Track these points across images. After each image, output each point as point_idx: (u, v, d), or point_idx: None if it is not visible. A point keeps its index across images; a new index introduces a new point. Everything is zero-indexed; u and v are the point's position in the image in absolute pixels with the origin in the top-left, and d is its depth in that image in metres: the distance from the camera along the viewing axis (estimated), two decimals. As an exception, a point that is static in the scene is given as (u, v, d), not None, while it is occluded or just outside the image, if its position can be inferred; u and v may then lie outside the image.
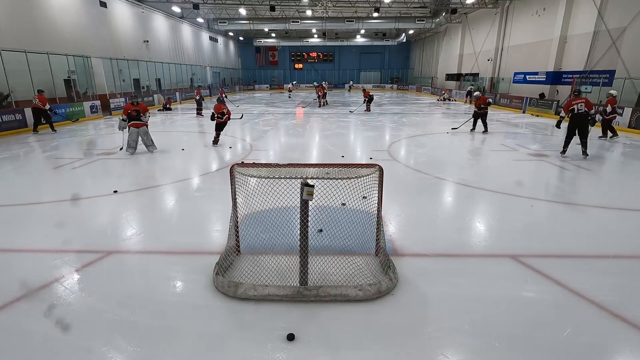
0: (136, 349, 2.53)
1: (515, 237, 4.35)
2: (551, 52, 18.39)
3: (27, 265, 3.72)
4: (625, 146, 10.14)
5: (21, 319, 2.84)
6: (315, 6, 27.74)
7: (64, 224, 4.71)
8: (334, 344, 2.59)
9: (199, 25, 32.03)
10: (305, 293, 3.05)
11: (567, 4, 17.18)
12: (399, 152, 9.20)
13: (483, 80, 25.81)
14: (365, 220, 3.71)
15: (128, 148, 8.60)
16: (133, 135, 8.57)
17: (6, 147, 9.72)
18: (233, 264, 3.55)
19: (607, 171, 7.78)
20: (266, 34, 41.01)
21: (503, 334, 2.67)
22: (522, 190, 6.06)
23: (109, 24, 19.89)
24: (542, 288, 3.28)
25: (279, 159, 8.68)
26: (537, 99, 18.01)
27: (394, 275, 3.30)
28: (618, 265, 3.71)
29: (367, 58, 46.88)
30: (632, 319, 2.81)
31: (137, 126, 8.56)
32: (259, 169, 3.28)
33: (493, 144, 10.62)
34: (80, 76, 16.56)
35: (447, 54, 33.28)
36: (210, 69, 34.88)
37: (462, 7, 25.39)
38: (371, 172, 3.34)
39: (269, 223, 3.93)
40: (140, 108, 8.52)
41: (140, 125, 8.58)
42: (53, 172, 7.37)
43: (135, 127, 8.54)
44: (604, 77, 14.88)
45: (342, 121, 15.36)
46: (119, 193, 5.83)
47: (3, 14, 13.30)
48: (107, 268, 3.63)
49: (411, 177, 6.99)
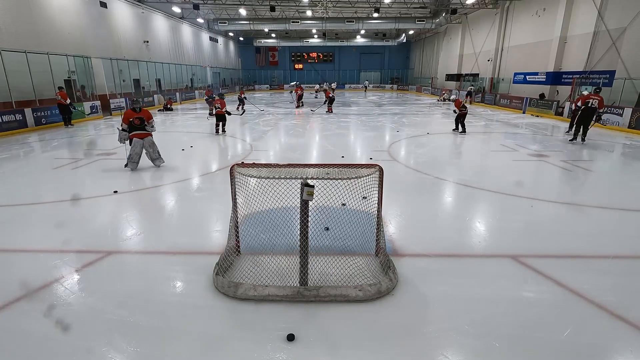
0: (136, 349, 2.53)
1: (515, 237, 4.35)
2: (551, 52, 18.40)
3: (27, 265, 3.72)
4: (625, 146, 10.14)
5: (21, 319, 2.84)
6: (315, 6, 27.75)
7: (64, 224, 4.71)
8: (334, 344, 2.59)
9: (199, 26, 32.04)
10: (305, 293, 3.05)
11: (567, 4, 17.19)
12: (399, 153, 9.20)
13: (483, 81, 25.82)
14: (366, 220, 3.71)
15: (130, 163, 7.22)
16: (136, 147, 7.16)
17: (6, 147, 9.72)
18: (233, 264, 3.55)
19: (607, 171, 7.78)
20: (266, 34, 41.02)
21: (503, 334, 2.67)
22: (522, 191, 6.06)
23: (109, 24, 19.90)
24: (542, 288, 3.28)
25: (279, 159, 8.68)
26: (537, 99, 18.01)
27: (394, 276, 3.30)
28: (618, 265, 3.71)
29: (367, 58, 46.89)
30: (632, 319, 2.81)
31: (142, 137, 7.21)
32: (259, 169, 3.28)
33: (493, 144, 10.62)
34: (80, 76, 16.57)
35: (447, 54, 33.29)
36: (211, 69, 34.89)
37: (462, 7, 25.38)
38: (371, 173, 3.34)
39: (269, 223, 3.92)
40: (144, 115, 7.20)
41: (145, 136, 7.24)
42: (53, 172, 7.37)
43: (139, 138, 7.19)
44: (604, 78, 14.89)
45: (342, 121, 15.37)
46: (119, 193, 5.83)
47: (3, 14, 13.31)
48: (107, 268, 3.63)
49: (411, 178, 6.99)
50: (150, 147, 7.35)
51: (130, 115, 7.10)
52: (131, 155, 7.20)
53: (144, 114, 7.20)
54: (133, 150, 7.18)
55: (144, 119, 7.17)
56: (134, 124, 7.11)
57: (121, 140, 7.21)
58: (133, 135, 7.14)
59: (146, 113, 7.25)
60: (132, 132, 7.15)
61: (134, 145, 7.17)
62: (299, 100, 21.59)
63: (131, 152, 7.19)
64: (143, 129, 7.20)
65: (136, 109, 7.18)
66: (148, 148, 7.32)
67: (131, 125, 7.11)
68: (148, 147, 7.32)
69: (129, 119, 7.07)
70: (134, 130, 7.15)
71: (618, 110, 13.06)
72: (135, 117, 7.10)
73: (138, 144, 7.18)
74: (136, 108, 7.20)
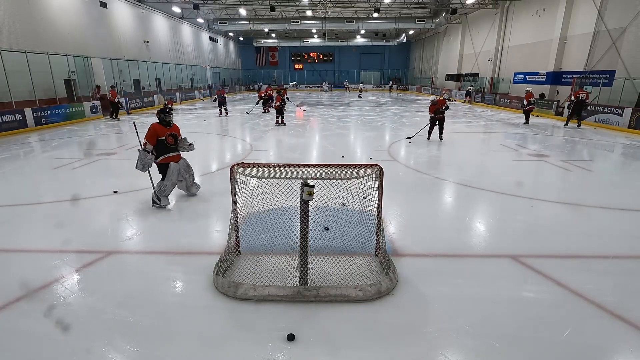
0: (136, 349, 2.53)
1: (515, 237, 4.35)
2: (551, 52, 18.39)
3: (27, 265, 3.72)
4: (625, 146, 10.14)
5: (21, 319, 2.84)
6: (315, 6, 27.75)
7: (64, 224, 4.71)
8: (334, 344, 2.59)
9: (199, 26, 32.04)
10: (305, 293, 3.05)
11: (567, 4, 17.19)
12: (399, 153, 9.20)
13: (483, 81, 25.82)
14: (366, 220, 3.71)
15: (162, 198, 5.10)
16: (173, 176, 5.11)
17: (6, 147, 9.72)
18: (233, 264, 3.55)
19: (607, 171, 7.78)
20: (266, 34, 41.01)
21: (503, 334, 2.67)
22: (522, 191, 6.06)
23: (109, 24, 19.90)
24: (542, 288, 3.28)
25: (279, 159, 8.68)
26: (537, 99, 18.00)
27: (394, 276, 3.30)
28: (618, 265, 3.71)
29: (367, 58, 46.89)
30: (632, 319, 2.81)
31: (177, 159, 5.24)
32: (259, 169, 3.28)
33: (493, 144, 10.62)
34: (80, 76, 16.57)
35: (447, 54, 33.29)
36: (211, 69, 34.89)
37: (462, 7, 25.38)
38: (371, 173, 3.35)
39: (269, 223, 3.92)
40: (176, 130, 5.24)
41: (179, 159, 5.31)
42: (53, 172, 7.37)
43: (175, 162, 5.19)
44: (604, 78, 14.89)
45: (342, 121, 15.37)
46: (118, 193, 5.83)
47: (3, 14, 13.31)
48: (107, 268, 3.63)
49: (411, 178, 6.99)
50: (187, 171, 5.38)
51: (161, 132, 4.99)
52: (164, 187, 5.06)
53: (175, 129, 5.24)
54: (169, 180, 5.06)
55: (176, 136, 5.20)
56: (166, 144, 5.05)
57: (144, 167, 4.90)
58: (165, 160, 5.08)
59: (176, 127, 5.32)
60: (164, 155, 5.07)
61: (170, 174, 5.07)
62: (273, 107, 16.50)
63: (166, 183, 5.05)
64: (176, 149, 5.23)
65: (168, 121, 5.09)
66: (184, 174, 5.34)
67: (161, 145, 5.04)
68: (184, 173, 5.34)
69: (157, 137, 4.98)
70: (167, 151, 5.09)
71: (618, 110, 13.06)
72: (167, 133, 5.02)
73: (175, 171, 5.14)
74: (168, 120, 5.09)
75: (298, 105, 21.91)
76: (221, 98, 17.02)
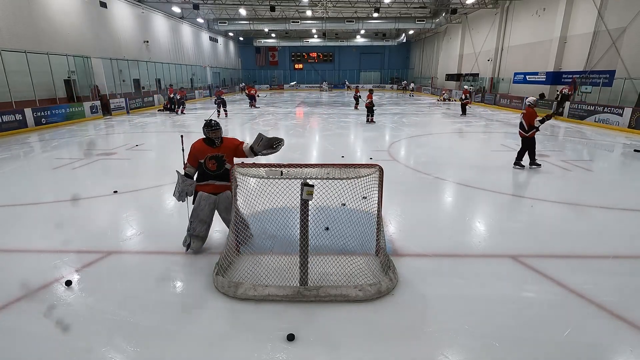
0: (136, 349, 2.53)
1: (515, 237, 4.35)
2: (551, 52, 18.39)
3: (27, 265, 3.72)
4: (625, 146, 10.14)
5: (21, 319, 2.84)
6: (315, 6, 27.75)
7: (63, 224, 4.71)
8: (334, 344, 2.59)
9: (199, 26, 32.04)
10: (305, 293, 3.05)
11: (567, 4, 17.19)
12: (399, 153, 9.20)
13: (483, 81, 25.81)
14: (366, 220, 3.70)
15: (192, 239, 3.83)
16: (205, 210, 3.82)
17: (6, 147, 9.72)
18: (233, 264, 3.54)
19: (607, 171, 7.78)
20: (266, 34, 41.02)
21: (503, 334, 2.67)
22: (522, 191, 6.06)
23: (109, 25, 19.89)
24: (542, 288, 3.28)
25: (279, 159, 8.67)
26: (538, 99, 17.99)
27: (394, 276, 3.30)
28: (618, 265, 3.71)
29: (367, 58, 46.89)
30: (632, 319, 2.81)
31: (219, 190, 3.90)
32: (259, 169, 3.28)
33: (493, 144, 10.62)
34: (80, 76, 16.56)
35: (447, 54, 33.28)
36: (210, 69, 34.88)
37: (462, 7, 25.39)
38: (371, 173, 3.35)
39: (269, 223, 3.92)
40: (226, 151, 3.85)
41: (222, 189, 3.91)
42: (53, 172, 7.37)
43: (212, 194, 3.87)
44: (604, 77, 14.89)
45: (342, 121, 15.36)
46: (119, 193, 5.83)
47: (3, 14, 13.30)
48: (107, 268, 3.63)
49: (411, 178, 6.99)
50: (227, 210, 3.87)
51: (202, 152, 3.80)
52: (194, 226, 3.81)
53: (226, 150, 3.84)
54: (195, 217, 3.81)
55: (223, 159, 3.82)
56: (205, 168, 3.82)
57: (181, 196, 3.84)
58: (201, 188, 3.87)
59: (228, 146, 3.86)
60: (199, 183, 3.89)
61: (200, 207, 3.82)
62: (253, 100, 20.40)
63: (191, 219, 3.83)
64: (221, 176, 3.86)
65: (216, 140, 3.79)
66: (222, 211, 3.94)
67: (205, 170, 3.83)
68: (223, 211, 3.93)
69: (198, 160, 3.81)
70: (205, 178, 3.88)
71: (618, 110, 13.06)
72: (208, 155, 3.79)
73: (207, 204, 3.83)
74: (216, 139, 3.79)
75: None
76: (220, 99, 17.04)
